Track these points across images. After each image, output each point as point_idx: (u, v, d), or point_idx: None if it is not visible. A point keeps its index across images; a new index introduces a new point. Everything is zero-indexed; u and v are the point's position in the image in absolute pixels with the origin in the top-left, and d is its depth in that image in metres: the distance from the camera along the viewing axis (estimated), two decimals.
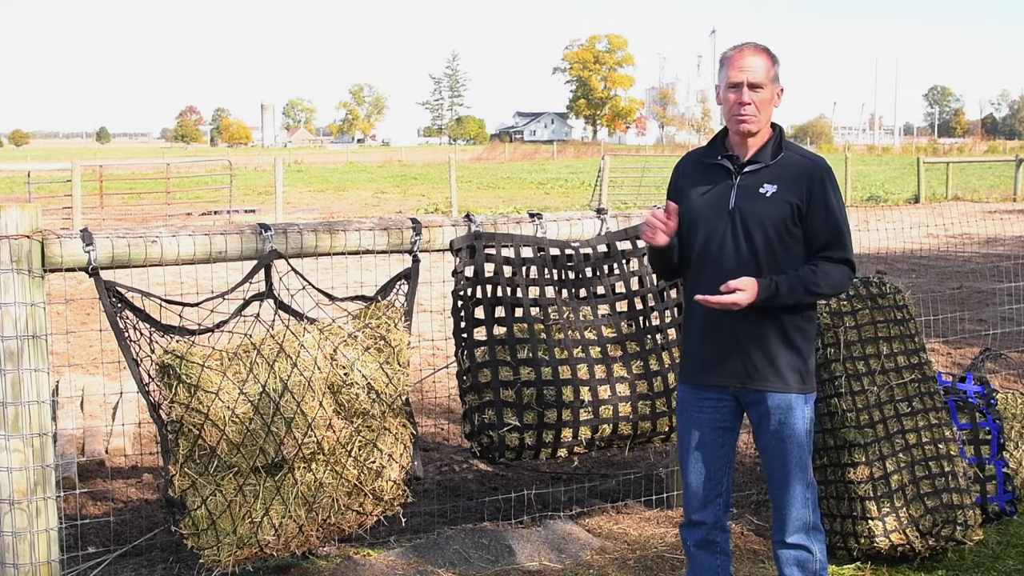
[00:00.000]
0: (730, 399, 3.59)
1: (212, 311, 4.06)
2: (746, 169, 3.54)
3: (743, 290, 3.37)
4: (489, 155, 77.25)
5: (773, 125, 3.59)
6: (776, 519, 3.65)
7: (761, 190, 3.50)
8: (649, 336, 4.79)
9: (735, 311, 3.43)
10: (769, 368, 3.50)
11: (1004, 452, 5.12)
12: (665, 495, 5.42)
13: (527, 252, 4.71)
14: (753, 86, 3.48)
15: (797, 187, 3.48)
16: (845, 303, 4.77)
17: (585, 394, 4.53)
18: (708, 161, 3.64)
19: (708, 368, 3.58)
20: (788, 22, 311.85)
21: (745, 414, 3.65)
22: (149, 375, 3.99)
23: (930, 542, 4.56)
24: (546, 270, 4.70)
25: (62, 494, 4.61)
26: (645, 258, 4.93)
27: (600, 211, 4.98)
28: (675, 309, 4.92)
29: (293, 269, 4.16)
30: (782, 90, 3.59)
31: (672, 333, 4.86)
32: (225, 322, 4.09)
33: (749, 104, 3.48)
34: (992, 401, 5.20)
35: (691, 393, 3.66)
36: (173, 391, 3.83)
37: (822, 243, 3.49)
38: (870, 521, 4.52)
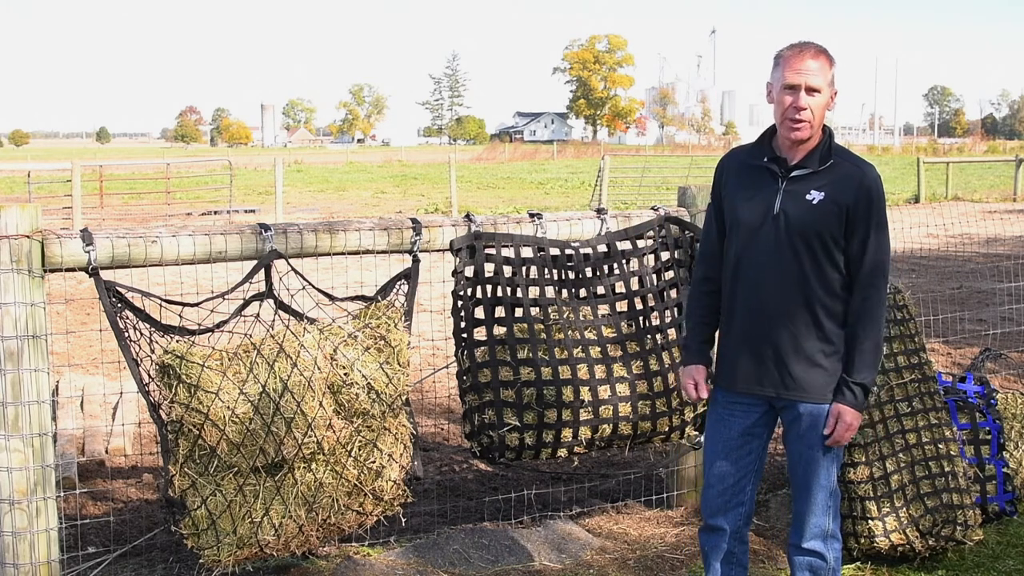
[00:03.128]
0: (762, 404, 3.55)
1: (212, 311, 4.05)
2: (793, 174, 3.44)
3: (847, 420, 3.43)
4: (489, 155, 77.24)
5: (824, 127, 3.47)
6: (794, 523, 3.63)
7: (808, 196, 3.39)
8: (649, 336, 4.78)
9: (777, 319, 3.41)
10: (806, 379, 3.44)
11: (1004, 452, 5.12)
12: (665, 495, 5.41)
13: (527, 252, 4.70)
14: (811, 90, 3.35)
15: (844, 196, 3.37)
16: None
17: (585, 394, 4.53)
18: (754, 162, 3.54)
19: (744, 376, 3.53)
20: (788, 22, 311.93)
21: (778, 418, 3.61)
22: (149, 375, 3.99)
23: (930, 542, 4.56)
24: (546, 270, 4.69)
25: (62, 494, 4.61)
26: (645, 258, 4.94)
27: (600, 211, 4.98)
28: (675, 309, 4.92)
29: (293, 269, 4.16)
30: (836, 92, 3.47)
31: (672, 333, 4.85)
32: (225, 322, 4.08)
33: (805, 109, 3.35)
34: (992, 401, 5.20)
35: (723, 396, 3.62)
36: (173, 391, 3.83)
37: (864, 257, 3.38)
38: (870, 521, 4.52)
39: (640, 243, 4.94)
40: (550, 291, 4.69)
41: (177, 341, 4.00)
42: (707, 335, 3.72)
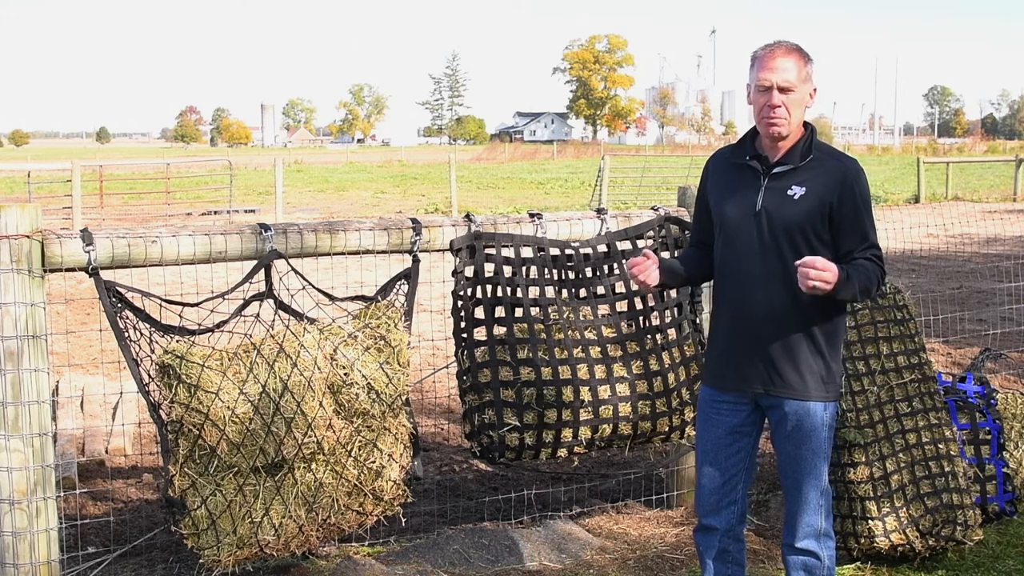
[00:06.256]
0: (749, 402, 3.56)
1: (212, 311, 4.06)
2: (775, 171, 3.46)
3: (825, 270, 3.19)
4: (489, 155, 77.25)
5: (805, 124, 3.50)
6: (787, 523, 3.63)
7: (789, 192, 3.42)
8: (649, 336, 4.78)
9: (763, 315, 3.41)
10: (793, 375, 3.44)
11: (1004, 452, 5.12)
12: (665, 495, 5.41)
13: (527, 252, 4.71)
14: (783, 89, 3.39)
15: (827, 191, 3.39)
16: None
17: (585, 394, 4.53)
18: (737, 161, 3.57)
19: (731, 373, 3.54)
20: (788, 22, 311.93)
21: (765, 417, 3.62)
22: (149, 375, 3.99)
23: (930, 542, 4.56)
24: (546, 270, 4.70)
25: (62, 494, 4.61)
26: None
27: (600, 211, 4.98)
28: (675, 309, 4.92)
29: (293, 269, 4.16)
30: (815, 89, 3.50)
31: (672, 333, 4.86)
32: (225, 322, 4.09)
33: (779, 107, 3.38)
34: (992, 401, 5.20)
35: (710, 395, 3.63)
36: (173, 391, 3.83)
37: (854, 246, 3.40)
38: (870, 521, 4.52)
39: (640, 243, 4.95)
40: (550, 291, 4.69)
41: (177, 341, 4.00)
42: (674, 261, 3.79)
